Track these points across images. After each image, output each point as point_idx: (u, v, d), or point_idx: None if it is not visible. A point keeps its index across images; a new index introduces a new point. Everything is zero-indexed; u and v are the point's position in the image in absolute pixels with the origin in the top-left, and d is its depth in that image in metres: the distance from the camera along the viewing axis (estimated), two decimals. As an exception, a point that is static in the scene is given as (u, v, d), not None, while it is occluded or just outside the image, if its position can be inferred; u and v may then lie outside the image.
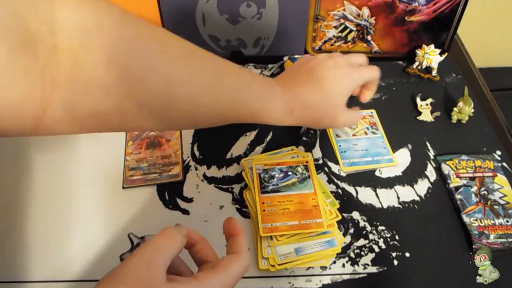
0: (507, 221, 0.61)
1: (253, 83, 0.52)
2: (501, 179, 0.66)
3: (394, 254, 0.59)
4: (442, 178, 0.68)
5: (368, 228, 0.62)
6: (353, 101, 0.80)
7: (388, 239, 0.61)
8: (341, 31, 0.86)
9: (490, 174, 0.67)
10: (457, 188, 0.66)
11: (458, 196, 0.65)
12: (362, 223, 0.63)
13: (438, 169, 0.69)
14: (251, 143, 0.73)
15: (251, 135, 0.75)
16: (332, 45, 0.89)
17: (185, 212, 0.64)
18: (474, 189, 0.65)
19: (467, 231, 0.61)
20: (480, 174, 0.67)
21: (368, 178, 0.69)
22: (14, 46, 0.32)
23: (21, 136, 0.38)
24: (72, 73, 0.37)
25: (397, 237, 0.61)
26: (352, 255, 0.59)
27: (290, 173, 0.65)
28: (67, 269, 0.58)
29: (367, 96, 0.62)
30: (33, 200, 0.66)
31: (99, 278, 0.57)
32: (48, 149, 0.73)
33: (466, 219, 0.62)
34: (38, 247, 0.60)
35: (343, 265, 0.58)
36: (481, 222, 0.61)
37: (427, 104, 0.77)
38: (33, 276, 0.58)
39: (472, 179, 0.66)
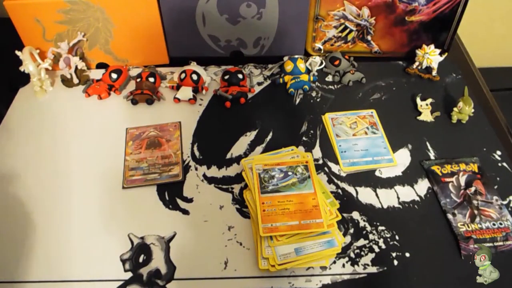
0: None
1: None
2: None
3: (394, 254, 0.59)
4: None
5: (368, 228, 0.62)
6: (353, 100, 0.81)
7: (388, 239, 0.61)
8: (341, 31, 0.86)
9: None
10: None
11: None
12: (362, 223, 0.63)
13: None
14: (251, 143, 0.73)
15: (251, 135, 0.75)
16: (332, 45, 0.89)
17: (185, 212, 0.64)
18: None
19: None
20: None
21: (368, 178, 0.69)
22: None
23: None
24: None
25: (397, 237, 0.61)
26: (352, 255, 0.59)
27: (290, 173, 0.65)
28: (67, 269, 0.58)
29: None
30: (33, 200, 0.66)
31: (99, 278, 0.57)
32: (48, 149, 0.73)
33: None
34: (38, 247, 0.60)
35: (343, 265, 0.58)
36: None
37: (427, 104, 0.77)
38: (33, 276, 0.58)
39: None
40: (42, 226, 0.63)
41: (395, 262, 0.59)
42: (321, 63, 0.86)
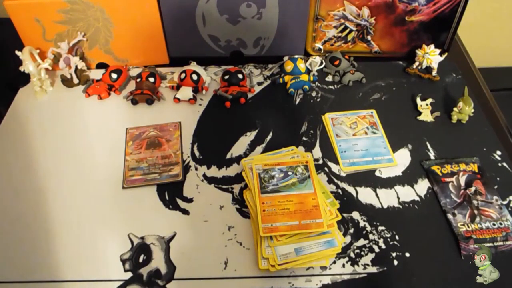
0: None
1: None
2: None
3: (394, 254, 0.59)
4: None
5: (368, 228, 0.62)
6: (353, 100, 0.81)
7: (388, 239, 0.61)
8: (341, 31, 0.86)
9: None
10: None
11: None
12: (362, 223, 0.63)
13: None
14: (251, 143, 0.73)
15: (251, 135, 0.75)
16: (332, 45, 0.89)
17: (185, 212, 0.64)
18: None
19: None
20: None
21: (368, 178, 0.69)
22: None
23: None
24: None
25: (397, 237, 0.61)
26: (352, 255, 0.59)
27: (290, 173, 0.65)
28: (67, 269, 0.58)
29: None
30: (33, 200, 0.66)
31: (99, 278, 0.57)
32: (48, 149, 0.73)
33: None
34: (38, 247, 0.60)
35: (343, 265, 0.58)
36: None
37: (427, 104, 0.77)
38: (33, 276, 0.58)
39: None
40: (42, 226, 0.63)
41: (395, 262, 0.59)
42: (321, 63, 0.86)
